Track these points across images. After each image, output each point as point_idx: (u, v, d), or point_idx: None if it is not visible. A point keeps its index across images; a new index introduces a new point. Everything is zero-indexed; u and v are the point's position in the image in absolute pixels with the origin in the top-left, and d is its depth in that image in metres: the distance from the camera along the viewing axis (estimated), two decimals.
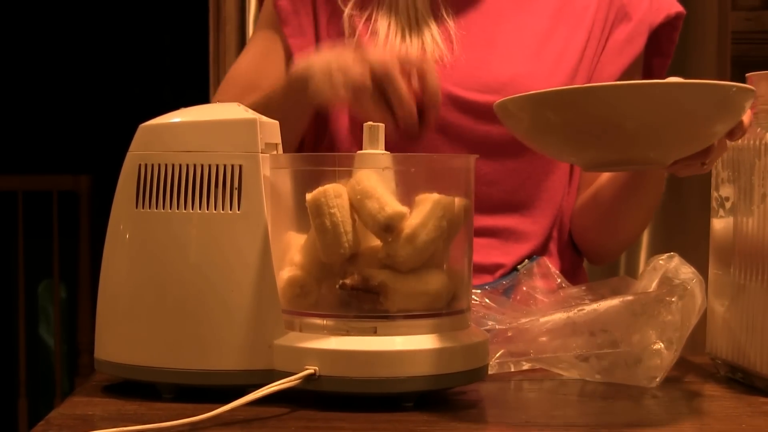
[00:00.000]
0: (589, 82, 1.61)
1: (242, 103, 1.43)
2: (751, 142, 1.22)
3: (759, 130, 1.22)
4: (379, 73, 1.30)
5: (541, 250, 1.62)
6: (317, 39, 1.66)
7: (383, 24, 1.61)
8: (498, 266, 1.57)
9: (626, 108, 1.05)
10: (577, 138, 1.11)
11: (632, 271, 2.94)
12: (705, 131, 1.12)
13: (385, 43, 1.59)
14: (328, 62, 1.35)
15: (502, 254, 1.58)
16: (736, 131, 1.18)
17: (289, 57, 1.67)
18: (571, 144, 1.14)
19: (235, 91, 1.65)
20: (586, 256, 1.71)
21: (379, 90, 1.30)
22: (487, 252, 1.55)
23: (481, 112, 1.56)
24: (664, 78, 1.67)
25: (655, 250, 2.73)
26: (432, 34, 1.60)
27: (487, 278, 1.53)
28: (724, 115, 1.10)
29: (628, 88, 1.08)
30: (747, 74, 1.27)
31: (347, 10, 1.64)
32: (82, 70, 6.19)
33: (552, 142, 1.16)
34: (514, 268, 1.56)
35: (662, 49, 1.70)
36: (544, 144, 1.19)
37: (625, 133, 1.08)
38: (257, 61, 1.72)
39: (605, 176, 1.60)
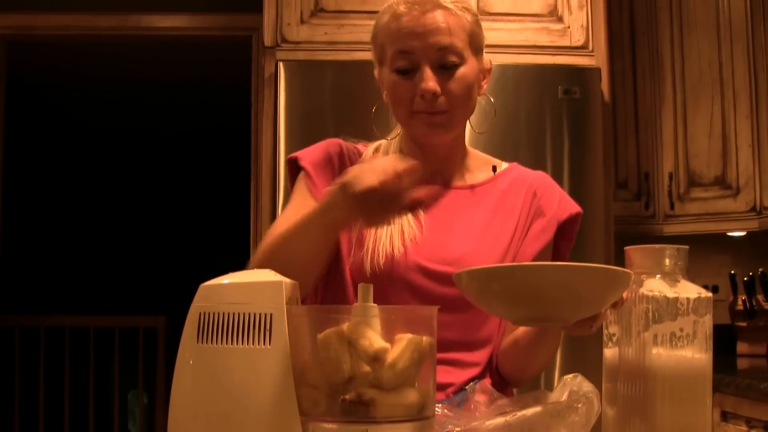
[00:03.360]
0: (515, 259, 1.62)
1: (274, 236, 1.46)
2: (630, 294, 1.22)
3: (634, 286, 1.22)
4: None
5: (481, 375, 1.61)
6: None
7: None
8: (449, 384, 1.55)
9: (545, 280, 1.10)
10: (509, 299, 1.14)
11: (549, 386, 2.91)
12: (600, 300, 1.16)
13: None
14: (355, 172, 1.33)
15: (453, 377, 1.56)
16: (617, 303, 1.22)
17: None
18: (504, 304, 1.17)
19: (271, 238, 1.56)
20: (507, 381, 1.68)
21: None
22: (442, 375, 1.52)
23: (441, 278, 1.55)
24: (567, 257, 1.70)
25: (565, 371, 2.71)
26: (408, 220, 1.60)
27: (440, 395, 1.50)
28: (615, 289, 1.15)
29: (548, 267, 1.14)
30: (625, 247, 1.28)
31: None
32: (163, 248, 6.23)
33: (491, 301, 1.18)
34: (463, 388, 1.54)
35: (567, 236, 1.70)
36: (485, 302, 1.20)
37: (543, 298, 1.11)
38: (292, 216, 1.59)
39: (522, 329, 1.58)
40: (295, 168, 1.69)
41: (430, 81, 1.55)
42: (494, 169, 1.74)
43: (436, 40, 1.56)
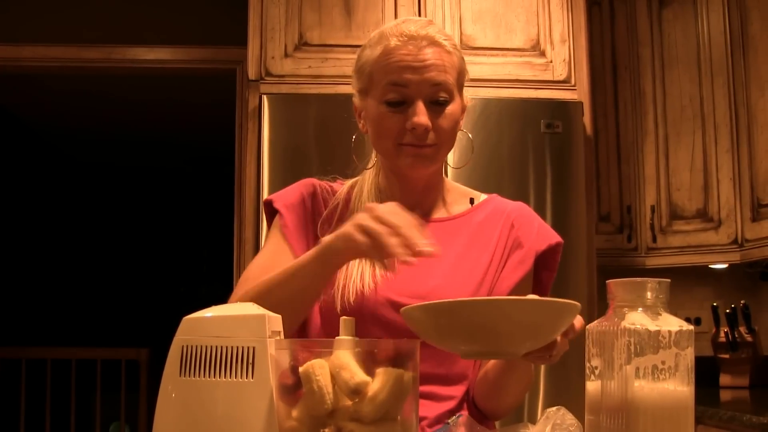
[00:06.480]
0: (491, 292, 1.62)
1: (261, 281, 1.45)
2: (612, 328, 1.22)
3: (616, 319, 1.22)
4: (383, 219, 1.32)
5: (457, 408, 1.60)
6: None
7: None
8: (423, 418, 1.54)
9: (487, 315, 1.13)
10: (451, 335, 1.17)
11: (532, 418, 2.91)
12: (546, 333, 1.20)
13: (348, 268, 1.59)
14: (350, 228, 1.35)
15: (427, 410, 1.55)
16: (568, 332, 1.24)
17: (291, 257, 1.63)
18: (448, 339, 1.20)
19: (253, 281, 1.57)
20: (485, 414, 1.67)
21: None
22: None
23: None
24: (550, 287, 1.69)
25: (548, 404, 2.71)
26: None
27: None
28: (558, 322, 1.18)
29: (490, 302, 1.18)
30: (607, 281, 1.28)
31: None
32: (145, 279, 6.20)
33: (433, 336, 1.21)
34: (444, 422, 1.53)
35: (548, 266, 1.70)
36: (427, 337, 1.22)
37: (487, 333, 1.14)
38: (267, 259, 1.63)
39: (491, 362, 1.59)
40: (271, 210, 1.70)
41: (423, 116, 1.56)
42: (472, 201, 1.74)
43: (431, 75, 1.57)
